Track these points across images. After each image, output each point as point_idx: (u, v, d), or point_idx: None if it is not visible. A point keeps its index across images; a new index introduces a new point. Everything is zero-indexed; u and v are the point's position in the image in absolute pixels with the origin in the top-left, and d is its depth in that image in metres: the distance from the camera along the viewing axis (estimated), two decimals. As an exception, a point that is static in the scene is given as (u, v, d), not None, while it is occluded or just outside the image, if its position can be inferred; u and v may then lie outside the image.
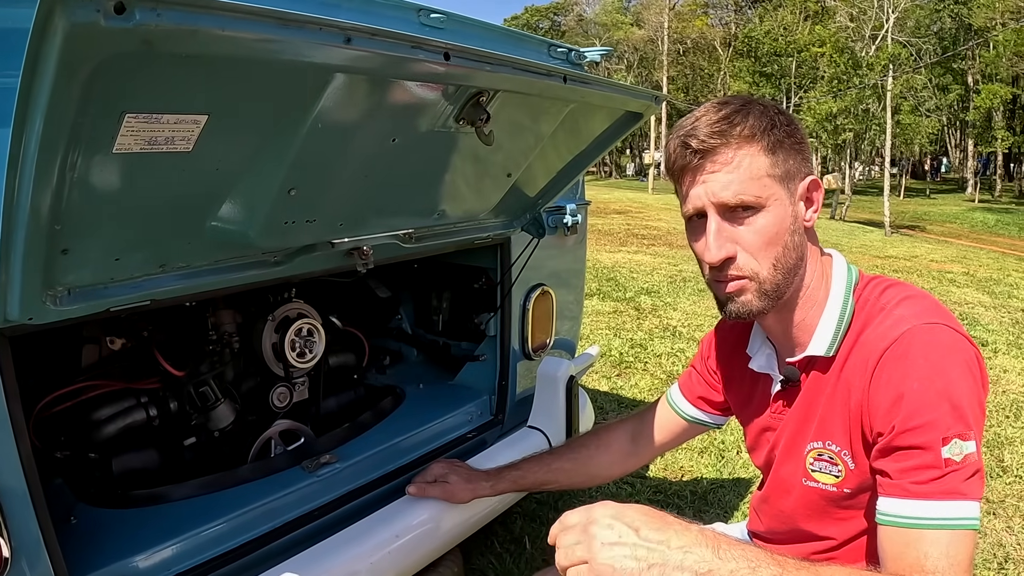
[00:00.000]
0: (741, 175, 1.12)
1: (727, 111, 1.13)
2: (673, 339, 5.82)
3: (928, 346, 1.07)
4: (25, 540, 1.16)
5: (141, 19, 0.72)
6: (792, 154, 1.15)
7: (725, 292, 1.18)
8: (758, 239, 1.13)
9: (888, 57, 24.30)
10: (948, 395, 1.02)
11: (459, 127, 1.35)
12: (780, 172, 1.14)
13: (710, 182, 1.13)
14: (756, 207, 1.12)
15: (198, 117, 0.95)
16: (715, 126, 1.12)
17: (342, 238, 1.51)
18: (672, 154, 1.17)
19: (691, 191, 1.16)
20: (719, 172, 1.12)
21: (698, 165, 1.14)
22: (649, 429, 1.64)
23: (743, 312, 1.18)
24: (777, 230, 1.14)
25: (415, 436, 2.03)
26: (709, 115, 1.14)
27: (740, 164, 1.12)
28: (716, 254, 1.14)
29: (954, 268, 11.79)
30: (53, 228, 0.95)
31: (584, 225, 2.56)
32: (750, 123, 1.12)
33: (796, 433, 1.26)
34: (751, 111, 1.14)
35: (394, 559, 1.61)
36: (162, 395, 1.82)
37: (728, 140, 1.12)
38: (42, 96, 0.75)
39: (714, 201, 1.13)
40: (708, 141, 1.12)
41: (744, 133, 1.12)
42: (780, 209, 1.14)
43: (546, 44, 2.01)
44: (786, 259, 1.16)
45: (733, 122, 1.12)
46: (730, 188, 1.12)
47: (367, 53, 0.98)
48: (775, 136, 1.13)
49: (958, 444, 1.00)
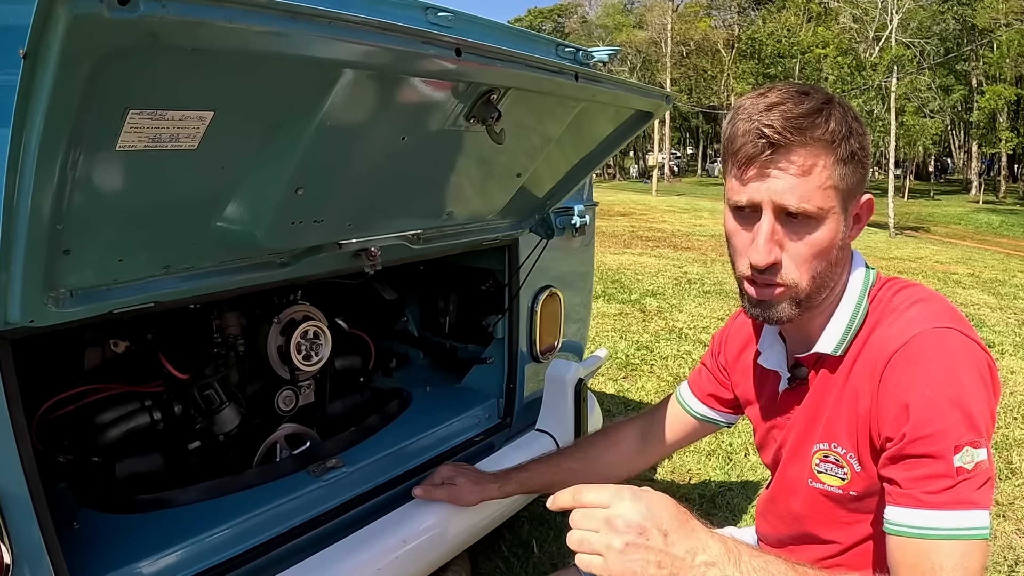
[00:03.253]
0: (810, 182, 1.05)
1: (809, 106, 1.05)
2: (679, 341, 5.79)
3: (939, 351, 1.04)
4: (26, 546, 1.14)
5: (146, 11, 0.69)
6: (859, 169, 1.09)
7: (760, 297, 1.14)
8: (807, 251, 1.09)
9: (892, 58, 24.29)
10: (960, 402, 1.00)
11: (469, 126, 1.33)
12: (845, 187, 1.08)
13: (776, 183, 1.06)
14: (816, 218, 1.07)
15: (204, 114, 0.93)
16: (796, 121, 1.04)
17: (350, 239, 1.49)
18: (740, 137, 1.07)
19: (753, 183, 1.08)
20: (788, 175, 1.05)
21: (769, 159, 1.06)
22: (659, 427, 1.62)
23: (772, 319, 1.15)
24: (827, 245, 1.09)
25: (422, 440, 2.01)
26: (788, 104, 1.05)
27: (812, 170, 1.05)
28: (765, 258, 1.09)
29: (959, 269, 11.76)
30: (55, 228, 0.93)
31: (592, 226, 2.53)
32: (831, 127, 1.05)
33: (803, 433, 1.24)
34: (833, 113, 1.06)
35: (402, 564, 1.60)
36: (166, 398, 1.81)
37: (806, 140, 1.04)
38: (43, 91, 0.73)
39: (776, 202, 1.07)
40: (786, 136, 1.04)
41: (824, 137, 1.04)
42: (835, 224, 1.09)
43: (554, 43, 1.99)
44: (827, 274, 1.12)
45: (815, 122, 1.04)
46: (795, 193, 1.05)
47: (377, 48, 0.96)
48: (850, 147, 1.06)
49: (970, 452, 0.98)
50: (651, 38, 48.98)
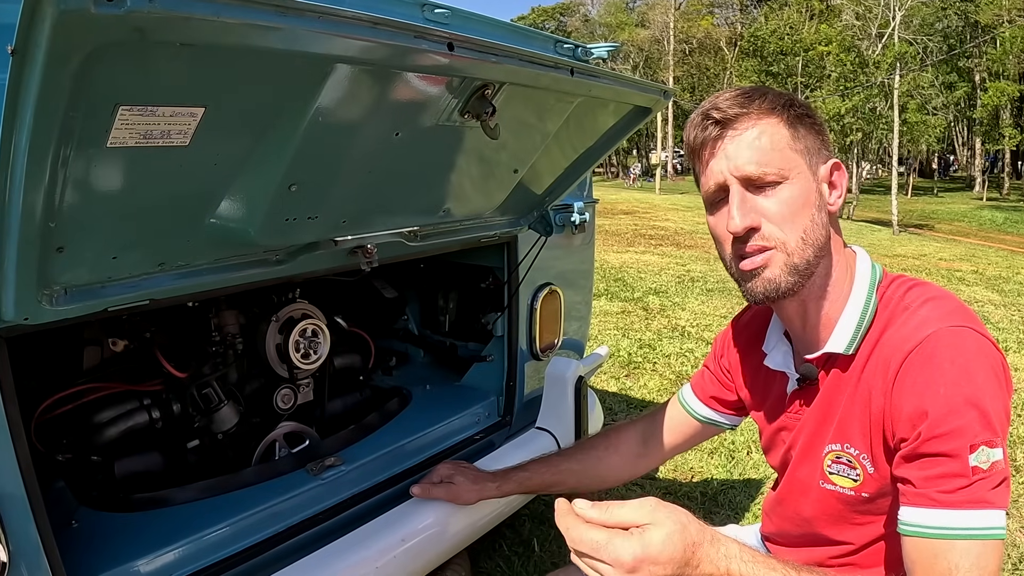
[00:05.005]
0: (763, 146, 1.11)
1: (745, 89, 1.16)
2: (682, 339, 5.78)
3: (954, 350, 1.03)
4: (24, 544, 1.14)
5: (133, 5, 0.69)
6: (812, 132, 1.15)
7: (750, 268, 1.14)
8: (784, 209, 1.11)
9: (895, 55, 24.23)
10: (975, 401, 0.99)
11: (464, 121, 1.32)
12: (801, 147, 1.13)
13: (732, 155, 1.12)
14: (780, 179, 1.11)
15: (195, 109, 0.92)
16: (735, 99, 1.13)
17: (345, 236, 1.48)
18: (692, 130, 1.17)
19: (712, 164, 1.14)
20: (741, 144, 1.12)
21: (719, 135, 1.13)
22: (660, 430, 1.61)
23: (770, 290, 1.13)
24: (803, 202, 1.12)
25: (422, 438, 2.00)
26: (726, 93, 1.15)
27: (762, 135, 1.11)
28: (740, 222, 1.11)
29: (963, 267, 11.72)
30: (47, 226, 0.92)
31: (592, 223, 2.53)
32: (769, 98, 1.13)
33: (814, 434, 1.23)
34: (768, 90, 1.16)
35: (401, 563, 1.59)
36: (165, 397, 1.80)
37: (749, 110, 1.12)
38: (32, 88, 0.72)
39: (737, 175, 1.12)
40: (729, 111, 1.12)
41: (764, 106, 1.13)
42: (804, 182, 1.12)
43: (552, 40, 1.98)
44: (814, 233, 1.13)
45: (751, 97, 1.13)
46: (753, 159, 1.11)
47: (369, 43, 0.96)
48: (794, 112, 1.13)
49: (985, 452, 0.97)
50: (653, 36, 48.92)
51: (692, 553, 0.92)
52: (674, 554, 0.91)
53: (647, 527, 0.92)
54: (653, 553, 0.90)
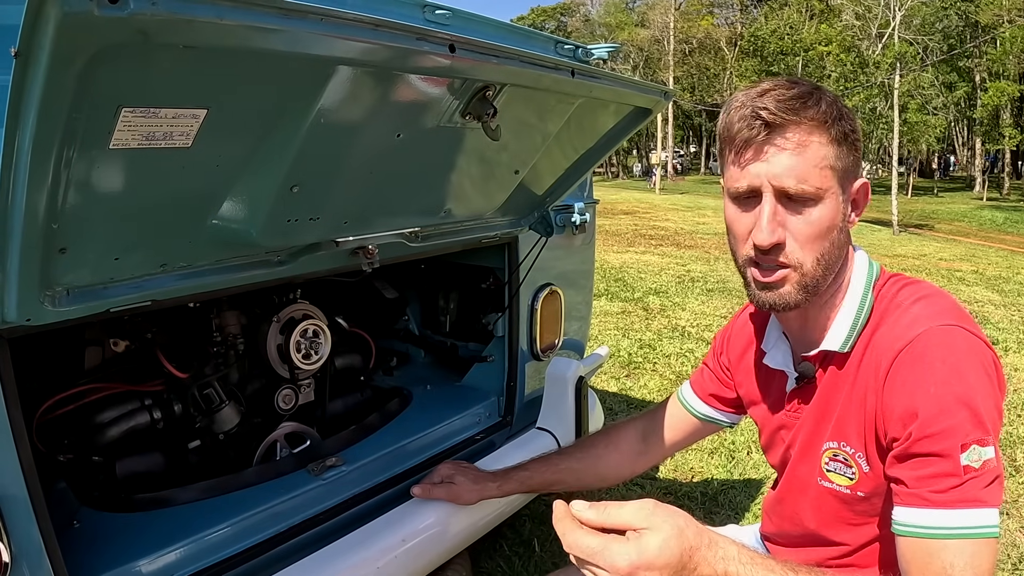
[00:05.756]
0: (806, 161, 1.07)
1: (799, 90, 1.08)
2: (682, 339, 5.78)
3: (945, 349, 1.03)
4: (25, 545, 1.14)
5: (136, 8, 0.69)
6: (852, 151, 1.11)
7: (765, 280, 1.13)
8: (810, 230, 1.09)
9: (895, 55, 24.24)
10: (966, 400, 0.99)
11: (465, 122, 1.32)
12: (840, 166, 1.09)
13: (774, 164, 1.08)
14: (815, 198, 1.08)
15: (197, 111, 0.92)
16: (788, 103, 1.07)
17: (347, 237, 1.49)
18: (736, 122, 1.10)
19: (751, 167, 1.10)
20: (785, 153, 1.07)
21: (765, 139, 1.08)
22: (660, 428, 1.61)
23: (779, 304, 1.14)
24: (829, 224, 1.10)
25: (422, 438, 2.00)
26: (779, 90, 1.08)
27: (807, 149, 1.07)
28: (769, 237, 1.09)
29: (963, 267, 11.72)
30: (50, 227, 0.93)
31: (592, 224, 2.53)
32: (822, 108, 1.07)
33: (813, 432, 1.23)
34: (823, 97, 1.09)
35: (402, 563, 1.59)
36: (166, 398, 1.81)
37: (800, 120, 1.07)
38: (35, 90, 0.72)
39: (775, 184, 1.08)
40: (780, 116, 1.06)
41: (816, 117, 1.07)
42: (834, 203, 1.10)
43: (553, 41, 1.98)
44: (830, 255, 1.12)
45: (806, 103, 1.07)
46: (793, 173, 1.07)
47: (371, 45, 0.96)
48: (842, 128, 1.09)
49: (977, 450, 0.98)
50: (654, 36, 48.95)
51: (689, 557, 0.92)
52: (670, 559, 0.90)
53: (644, 532, 0.92)
54: (649, 559, 0.90)
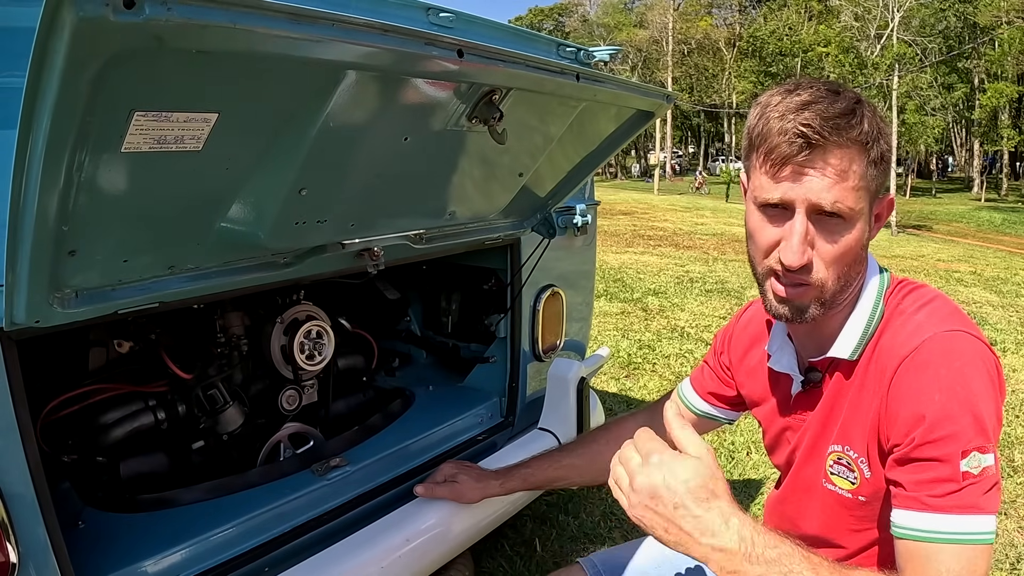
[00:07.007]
0: (844, 183, 1.03)
1: (843, 106, 1.03)
2: (681, 340, 5.79)
3: (949, 355, 1.04)
4: (32, 545, 1.15)
5: (151, 14, 0.70)
6: (884, 170, 1.08)
7: (784, 295, 1.12)
8: (837, 251, 1.08)
9: (893, 56, 24.25)
10: (971, 407, 1.00)
11: (471, 126, 1.33)
12: (874, 188, 1.07)
13: (813, 182, 1.04)
14: (847, 219, 1.06)
15: (208, 115, 0.93)
16: (833, 121, 1.01)
17: (353, 239, 1.49)
18: (775, 136, 1.04)
19: (787, 183, 1.06)
20: (826, 179, 1.03)
21: (806, 159, 1.03)
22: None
23: (794, 316, 1.13)
24: (854, 244, 1.08)
25: (425, 439, 2.01)
26: (823, 104, 1.03)
27: (847, 171, 1.03)
28: (799, 259, 1.07)
29: (961, 267, 11.74)
30: (60, 229, 0.93)
31: (594, 225, 2.54)
32: (865, 128, 1.03)
33: (818, 435, 1.24)
34: (865, 113, 1.05)
35: (405, 563, 1.60)
36: (170, 398, 1.81)
37: (842, 141, 1.02)
38: (49, 94, 0.73)
39: (812, 201, 1.05)
40: (824, 136, 1.01)
41: (859, 139, 1.03)
42: (863, 223, 1.09)
43: (555, 43, 1.99)
44: (850, 274, 1.12)
45: (851, 122, 1.03)
46: (831, 193, 1.03)
47: (380, 50, 0.97)
48: (880, 148, 1.06)
49: (977, 457, 0.98)
50: (652, 37, 48.91)
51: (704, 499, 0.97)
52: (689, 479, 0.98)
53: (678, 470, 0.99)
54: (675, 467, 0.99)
